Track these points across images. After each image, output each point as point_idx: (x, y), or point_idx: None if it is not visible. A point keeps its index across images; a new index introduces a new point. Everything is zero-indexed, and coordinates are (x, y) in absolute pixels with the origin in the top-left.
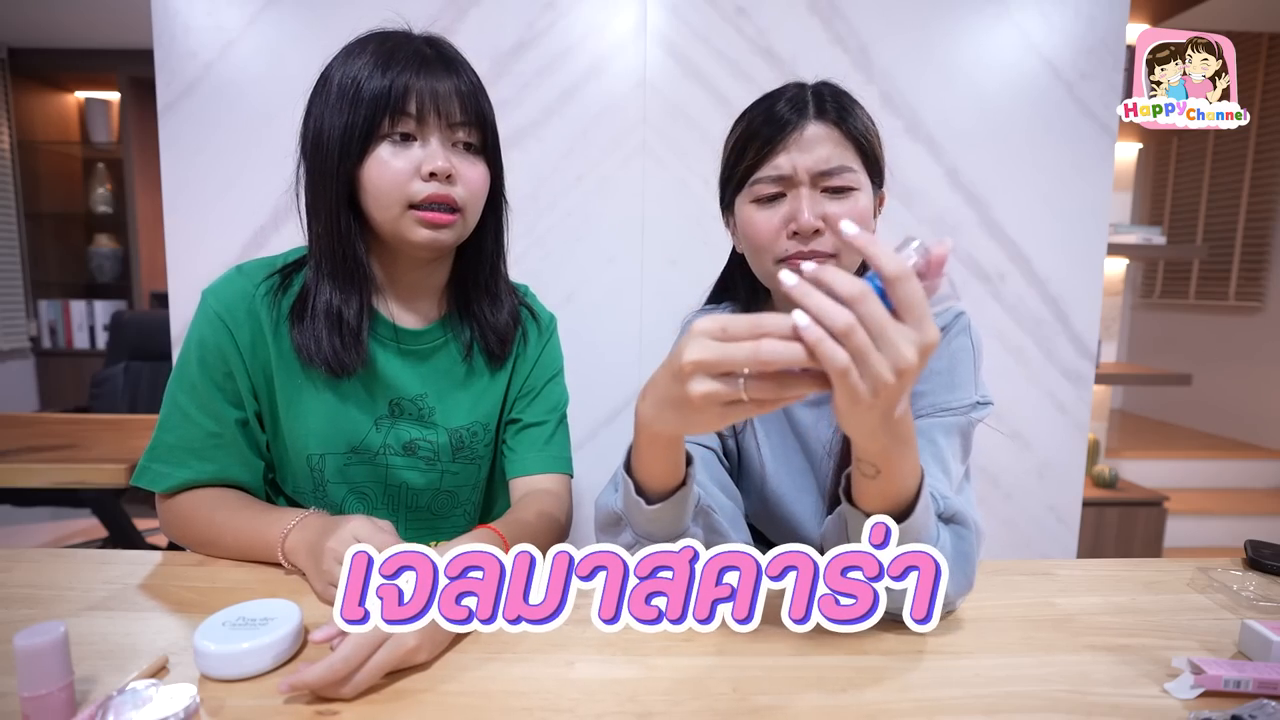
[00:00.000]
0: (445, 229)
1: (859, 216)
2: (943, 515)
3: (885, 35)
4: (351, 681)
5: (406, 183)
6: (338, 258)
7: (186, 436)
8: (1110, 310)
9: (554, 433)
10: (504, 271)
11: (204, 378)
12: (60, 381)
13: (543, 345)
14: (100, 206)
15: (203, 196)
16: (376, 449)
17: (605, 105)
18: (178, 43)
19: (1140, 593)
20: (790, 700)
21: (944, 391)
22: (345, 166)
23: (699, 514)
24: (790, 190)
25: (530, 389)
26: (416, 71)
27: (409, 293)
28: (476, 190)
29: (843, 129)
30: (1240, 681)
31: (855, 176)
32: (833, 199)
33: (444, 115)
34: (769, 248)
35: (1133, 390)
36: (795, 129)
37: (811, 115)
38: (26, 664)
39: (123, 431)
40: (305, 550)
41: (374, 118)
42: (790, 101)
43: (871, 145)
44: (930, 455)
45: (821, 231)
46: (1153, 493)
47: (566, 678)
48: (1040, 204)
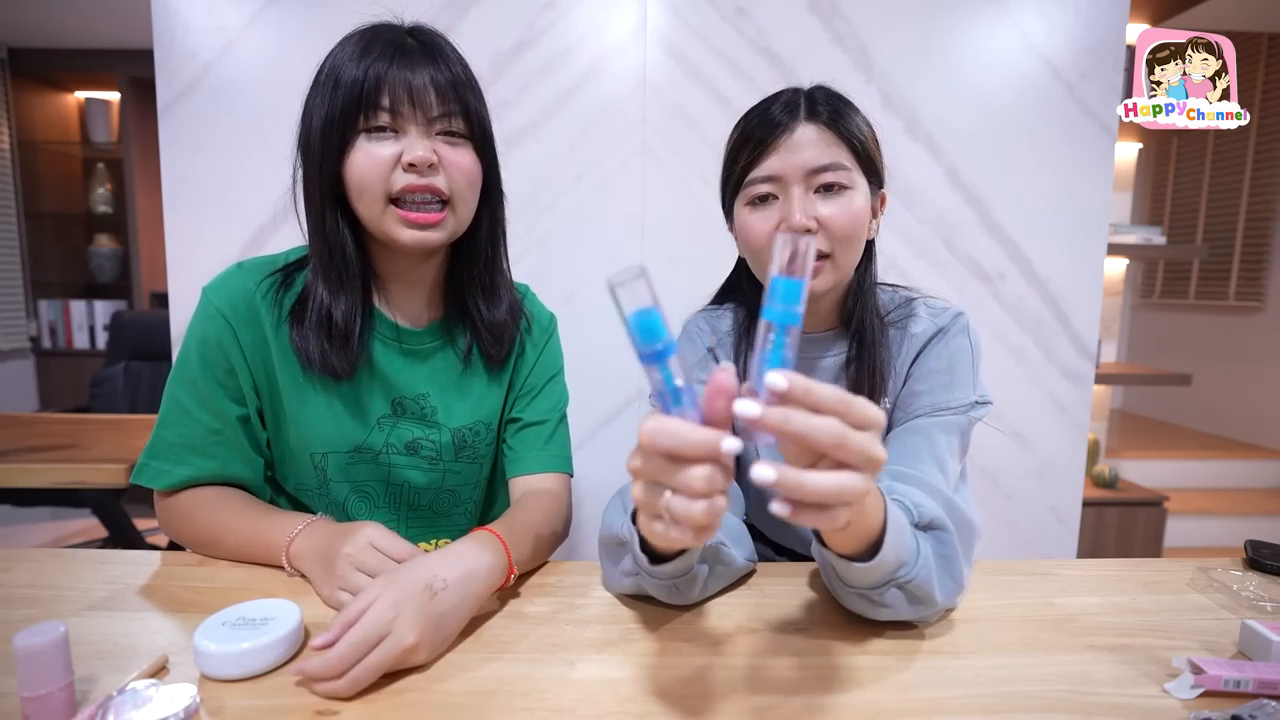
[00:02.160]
0: (433, 228)
1: (852, 215)
2: (919, 524)
3: (885, 35)
4: (349, 677)
5: (385, 175)
6: (329, 258)
7: (187, 433)
8: (1110, 310)
9: (554, 432)
10: (503, 267)
11: (205, 374)
12: (60, 381)
13: (543, 345)
14: (100, 206)
15: (203, 196)
16: (379, 448)
17: (605, 105)
18: (178, 43)
19: (1140, 593)
20: (790, 700)
21: (942, 391)
22: (329, 165)
23: (707, 552)
24: (782, 192)
25: (530, 388)
26: (391, 61)
27: (405, 289)
28: (466, 176)
29: (835, 130)
30: (1240, 681)
31: (847, 175)
32: (825, 199)
33: (420, 107)
34: (765, 249)
35: (1133, 390)
36: (786, 130)
37: (803, 117)
38: (26, 664)
39: (123, 431)
40: (312, 556)
41: (349, 111)
42: (784, 105)
43: (865, 146)
44: (928, 454)
45: (813, 231)
46: (1153, 493)
47: (566, 678)
48: (1040, 204)
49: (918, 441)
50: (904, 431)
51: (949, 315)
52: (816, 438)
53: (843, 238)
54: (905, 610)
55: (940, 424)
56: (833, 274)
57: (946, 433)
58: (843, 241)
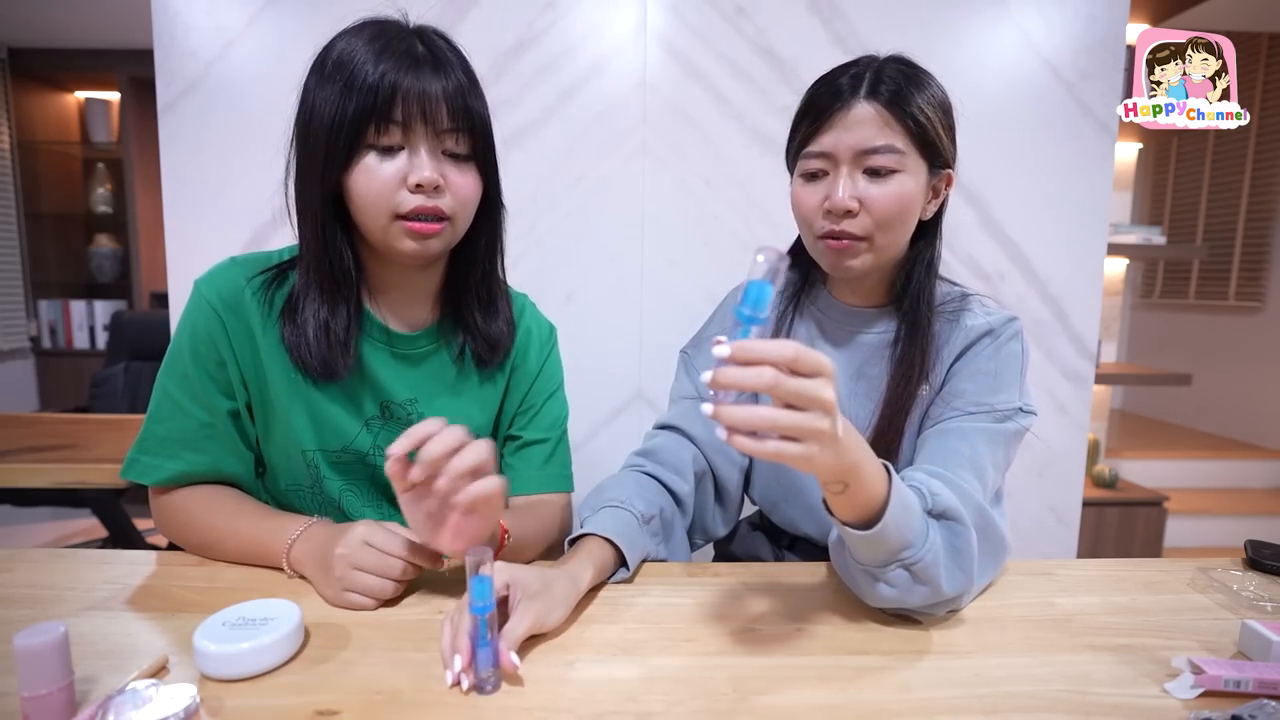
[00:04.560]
0: (432, 238)
1: (897, 199)
2: (933, 511)
3: (885, 35)
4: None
5: (393, 193)
6: (324, 267)
7: (178, 428)
8: (1110, 310)
9: (554, 450)
10: (500, 277)
11: (196, 367)
12: (60, 381)
13: (543, 360)
14: (100, 206)
15: (203, 196)
16: (366, 450)
17: (605, 105)
18: (178, 43)
19: (1140, 593)
20: (790, 700)
21: (988, 393)
22: (331, 172)
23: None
24: (832, 168)
25: (530, 405)
26: (405, 71)
27: (402, 297)
28: (465, 199)
29: (893, 110)
30: (1240, 681)
31: (899, 158)
32: (873, 181)
33: (431, 122)
34: (810, 223)
35: (1133, 390)
36: (844, 107)
37: (863, 94)
38: (26, 664)
39: (123, 431)
40: (312, 558)
41: (361, 119)
42: (851, 78)
43: (926, 128)
44: (967, 460)
45: (854, 213)
46: (1153, 493)
47: (566, 678)
48: (1040, 204)
49: (959, 446)
50: (947, 432)
51: (1003, 318)
52: (753, 384)
53: (884, 221)
54: (910, 594)
55: (985, 432)
56: (870, 257)
57: (991, 443)
58: (884, 225)
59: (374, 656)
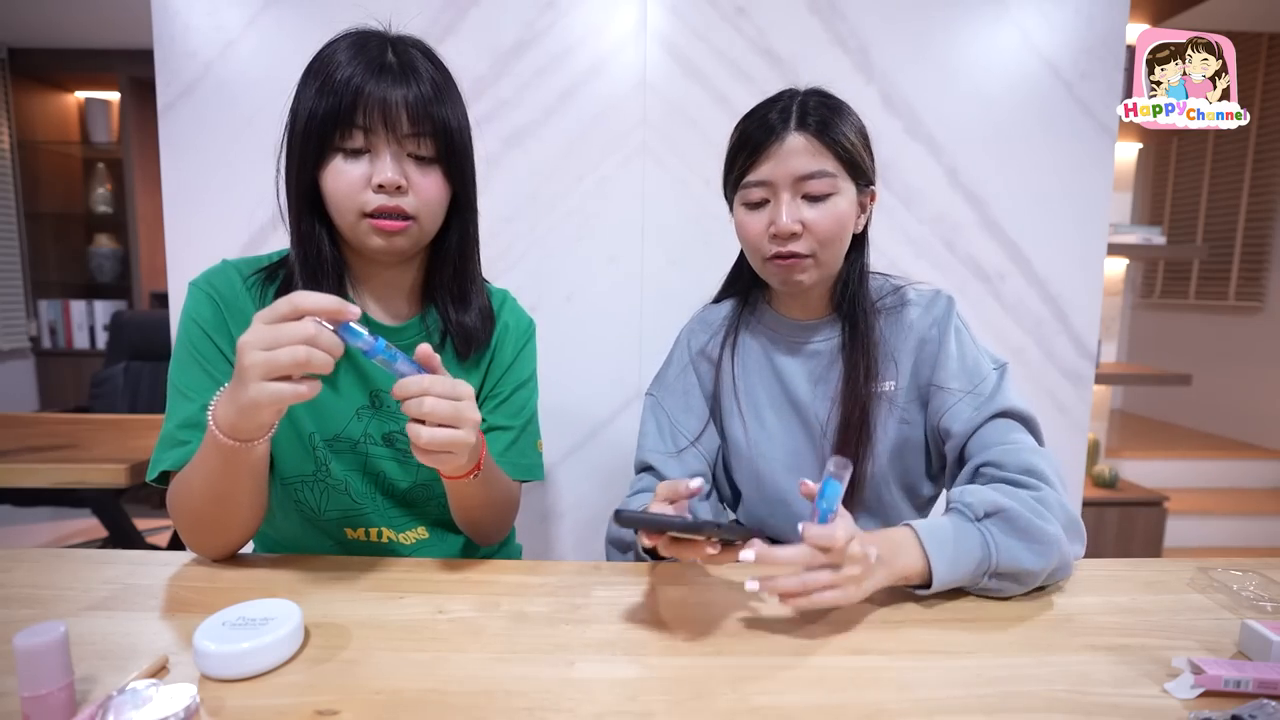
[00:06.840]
0: (398, 235)
1: (835, 219)
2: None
3: (885, 35)
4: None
5: (359, 193)
6: (305, 259)
7: (187, 414)
8: (1110, 310)
9: (517, 439)
10: (474, 273)
11: (199, 354)
12: (60, 381)
13: (518, 351)
14: (100, 206)
15: (203, 196)
16: (357, 438)
17: (605, 105)
18: (178, 43)
19: (1140, 593)
20: (790, 700)
21: (966, 377)
22: (305, 174)
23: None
24: (773, 195)
25: (499, 393)
26: (369, 78)
27: (383, 290)
28: (429, 199)
29: (822, 139)
30: (1240, 681)
31: (832, 181)
32: (812, 205)
33: (392, 127)
34: (757, 247)
35: (1133, 390)
36: (777, 139)
37: (793, 126)
38: (26, 664)
39: (123, 431)
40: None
41: (328, 123)
42: (779, 112)
43: (851, 153)
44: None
45: (798, 234)
46: (1153, 493)
47: (566, 678)
48: (1040, 204)
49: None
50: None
51: (940, 304)
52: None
53: (825, 240)
54: (1011, 586)
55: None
56: (816, 271)
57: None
58: (825, 243)
59: (374, 656)
